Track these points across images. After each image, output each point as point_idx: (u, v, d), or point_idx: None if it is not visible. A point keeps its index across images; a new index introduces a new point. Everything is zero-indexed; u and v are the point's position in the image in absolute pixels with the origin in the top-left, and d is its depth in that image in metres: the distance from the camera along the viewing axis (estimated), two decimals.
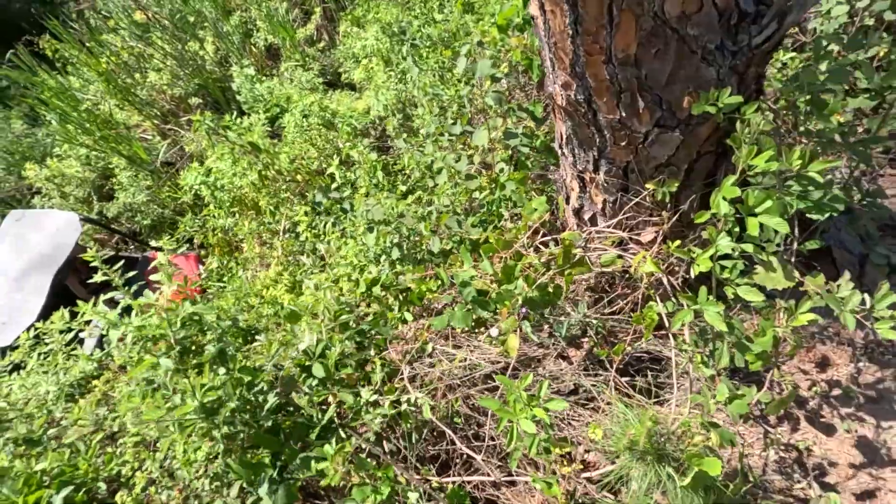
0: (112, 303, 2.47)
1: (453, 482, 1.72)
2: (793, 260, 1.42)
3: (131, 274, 2.60)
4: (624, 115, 1.38)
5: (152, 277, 2.59)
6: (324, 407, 2.01)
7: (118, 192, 6.06)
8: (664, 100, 1.34)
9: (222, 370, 1.87)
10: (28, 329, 3.98)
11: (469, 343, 2.13)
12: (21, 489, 1.92)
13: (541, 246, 2.04)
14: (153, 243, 5.93)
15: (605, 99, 1.37)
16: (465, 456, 1.91)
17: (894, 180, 2.12)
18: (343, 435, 1.95)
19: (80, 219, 4.99)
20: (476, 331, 2.15)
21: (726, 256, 1.33)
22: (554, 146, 1.91)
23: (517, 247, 1.86)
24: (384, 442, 1.94)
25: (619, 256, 1.82)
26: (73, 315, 2.62)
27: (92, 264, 2.51)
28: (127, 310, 2.35)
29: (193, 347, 2.34)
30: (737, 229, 1.29)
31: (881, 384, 1.67)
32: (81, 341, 2.79)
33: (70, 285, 5.06)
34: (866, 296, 1.24)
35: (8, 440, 2.23)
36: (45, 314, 3.99)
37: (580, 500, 1.50)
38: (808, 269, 1.93)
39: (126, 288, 2.51)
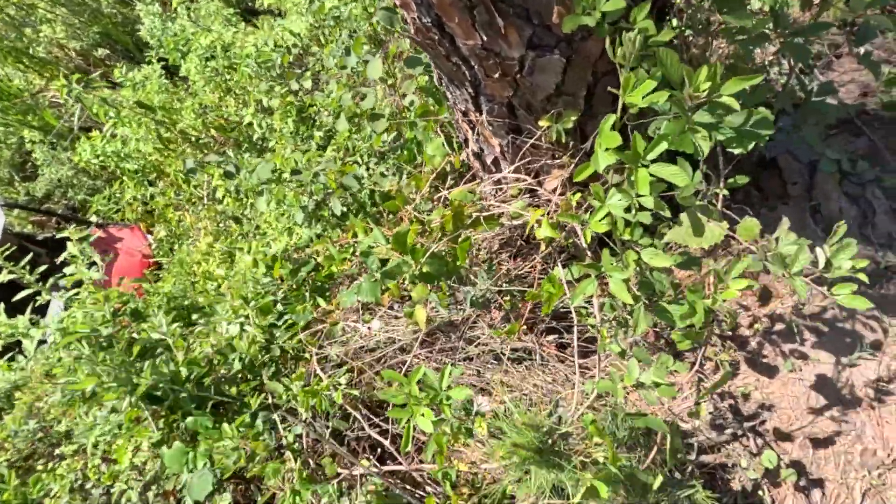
0: (57, 288, 2.26)
1: (363, 475, 1.59)
2: (717, 203, 1.15)
3: (42, 269, 2.32)
4: (485, 38, 1.04)
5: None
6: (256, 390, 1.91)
7: (42, 168, 5.54)
8: (531, 11, 0.99)
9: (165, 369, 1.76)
10: None
11: (385, 313, 1.91)
12: None
13: (446, 195, 1.76)
14: (94, 219, 5.54)
15: (457, 19, 1.02)
16: (391, 437, 1.77)
17: (854, 62, 1.79)
18: (276, 419, 1.84)
19: (1, 205, 4.60)
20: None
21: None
22: None
23: (410, 209, 1.58)
24: (315, 424, 1.80)
25: (533, 205, 1.55)
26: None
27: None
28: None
29: (127, 336, 2.17)
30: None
31: (827, 312, 1.48)
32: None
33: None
34: (819, 250, 0.99)
35: None
36: None
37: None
38: (758, 192, 1.67)
39: (40, 282, 2.25)
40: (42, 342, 2.39)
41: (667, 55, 0.93)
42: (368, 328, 1.68)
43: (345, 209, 2.08)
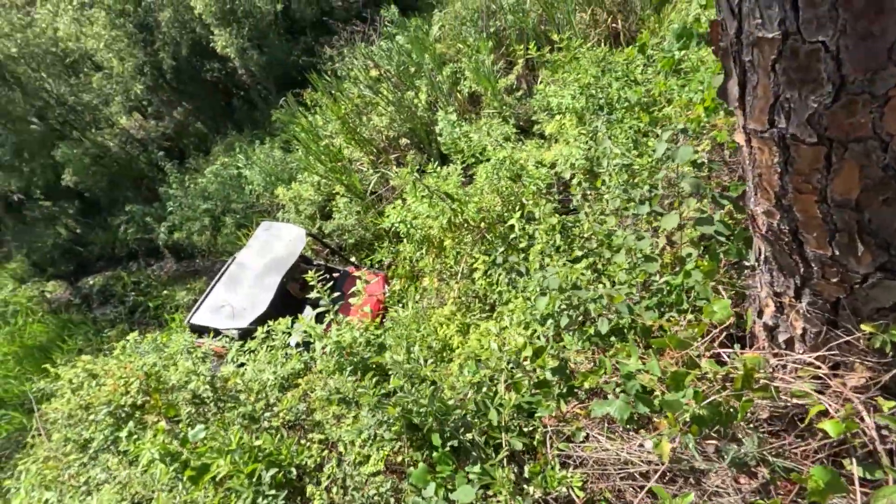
0: (315, 308, 3.15)
1: None
2: None
3: (336, 295, 3.21)
4: (837, 252, 1.27)
5: (351, 291, 3.28)
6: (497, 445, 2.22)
7: (335, 214, 7.24)
8: (892, 244, 1.19)
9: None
10: (257, 319, 5.08)
11: (624, 436, 2.08)
12: (245, 460, 2.47)
13: (722, 353, 1.91)
14: (353, 259, 6.93)
15: (816, 234, 1.28)
16: None
17: None
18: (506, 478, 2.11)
19: (306, 233, 6.15)
20: (634, 426, 2.10)
21: None
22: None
23: (691, 353, 1.78)
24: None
25: (819, 392, 1.61)
26: (293, 316, 3.40)
27: (311, 283, 3.18)
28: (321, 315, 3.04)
29: (374, 364, 2.81)
30: None
31: None
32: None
33: (290, 288, 6.19)
34: None
35: (239, 414, 2.89)
36: (271, 308, 5.04)
37: None
38: None
39: (331, 304, 3.14)
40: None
41: None
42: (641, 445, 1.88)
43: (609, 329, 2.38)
